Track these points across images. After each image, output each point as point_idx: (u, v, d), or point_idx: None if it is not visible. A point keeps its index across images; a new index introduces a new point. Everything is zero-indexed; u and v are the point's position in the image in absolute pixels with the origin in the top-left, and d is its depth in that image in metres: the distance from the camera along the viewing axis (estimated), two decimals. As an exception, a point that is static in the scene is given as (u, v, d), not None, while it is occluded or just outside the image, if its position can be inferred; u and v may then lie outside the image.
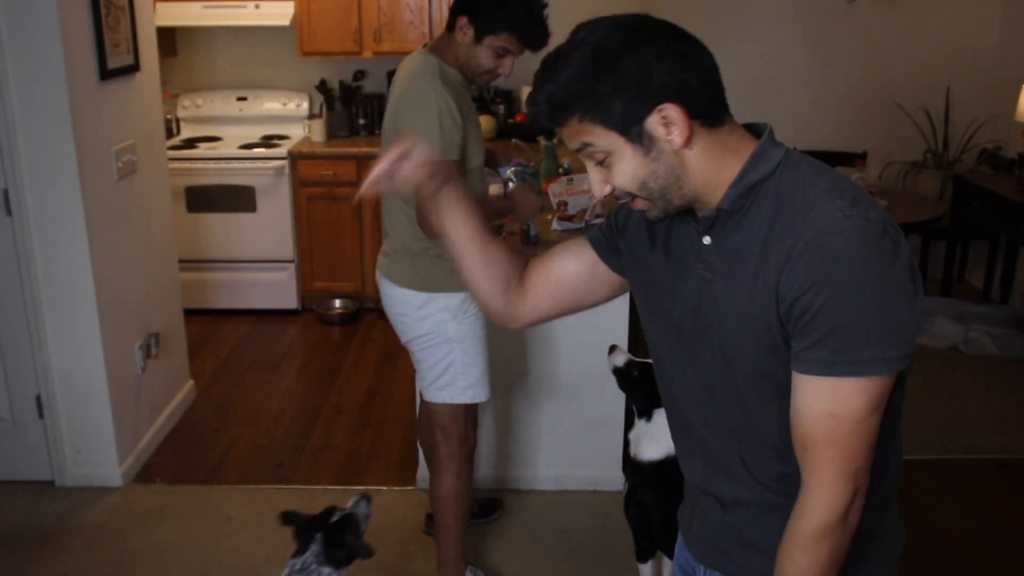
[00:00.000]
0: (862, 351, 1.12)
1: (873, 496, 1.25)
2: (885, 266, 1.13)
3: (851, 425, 1.16)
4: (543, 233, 3.19)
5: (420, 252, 2.46)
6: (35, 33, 2.94)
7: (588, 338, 3.16)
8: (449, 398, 2.56)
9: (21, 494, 3.34)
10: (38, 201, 3.10)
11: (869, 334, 1.12)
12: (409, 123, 2.30)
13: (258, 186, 4.92)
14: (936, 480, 3.47)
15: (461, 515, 2.65)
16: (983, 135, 5.41)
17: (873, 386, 1.14)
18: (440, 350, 2.51)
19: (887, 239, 1.14)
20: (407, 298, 2.50)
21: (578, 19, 1.31)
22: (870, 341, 1.12)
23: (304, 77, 5.39)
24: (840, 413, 1.15)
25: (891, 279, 1.13)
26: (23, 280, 3.17)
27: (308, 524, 2.18)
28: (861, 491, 1.20)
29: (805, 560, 1.21)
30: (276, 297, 5.13)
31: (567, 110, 1.21)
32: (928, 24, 5.36)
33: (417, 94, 2.32)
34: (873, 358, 1.13)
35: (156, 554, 3.01)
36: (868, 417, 1.16)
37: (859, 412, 1.15)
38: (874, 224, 1.14)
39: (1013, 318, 5.03)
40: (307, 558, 2.13)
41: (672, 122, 1.18)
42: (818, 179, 1.20)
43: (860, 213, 1.14)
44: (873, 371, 1.13)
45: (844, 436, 1.16)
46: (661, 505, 2.37)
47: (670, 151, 1.20)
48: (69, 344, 3.25)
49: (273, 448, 3.71)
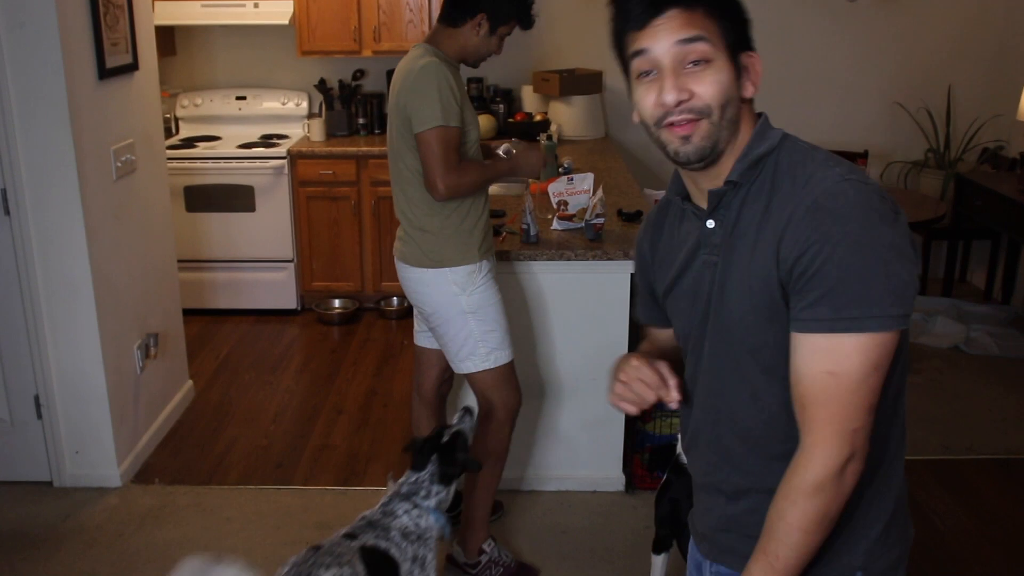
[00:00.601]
0: (862, 307, 1.12)
1: (874, 466, 1.24)
2: (885, 226, 1.14)
3: (850, 384, 1.15)
4: (543, 233, 3.18)
5: (424, 230, 2.61)
6: (34, 32, 2.93)
7: (588, 339, 3.15)
8: (474, 367, 2.70)
9: (20, 495, 3.33)
10: (37, 201, 3.09)
11: (869, 291, 1.12)
12: (409, 94, 2.47)
13: (257, 186, 4.91)
14: (937, 480, 3.46)
15: (491, 478, 2.78)
16: (985, 134, 5.40)
17: (873, 344, 1.14)
18: (456, 323, 2.65)
19: (887, 202, 1.16)
20: (416, 276, 2.66)
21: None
22: (870, 298, 1.12)
23: (303, 76, 5.38)
24: (839, 371, 1.15)
25: (891, 238, 1.14)
26: (22, 280, 3.17)
27: (424, 446, 2.38)
28: (858, 454, 1.18)
29: (794, 515, 1.20)
30: (275, 297, 5.12)
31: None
32: (929, 23, 5.35)
33: (418, 71, 2.48)
34: (872, 314, 1.13)
35: (155, 554, 3.00)
36: (867, 377, 1.15)
37: (858, 371, 1.15)
38: (873, 187, 1.17)
39: (1015, 318, 5.02)
40: (423, 476, 2.33)
41: (755, 71, 1.25)
42: (815, 152, 1.25)
43: (859, 178, 1.18)
44: (873, 327, 1.13)
45: (843, 395, 1.15)
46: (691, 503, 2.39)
47: (740, 95, 1.25)
48: (68, 344, 3.24)
49: (272, 448, 3.70)
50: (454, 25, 2.58)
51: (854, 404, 1.16)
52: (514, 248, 3.07)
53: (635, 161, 5.42)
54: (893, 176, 5.55)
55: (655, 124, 1.27)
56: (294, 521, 3.19)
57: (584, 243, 3.10)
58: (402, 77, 2.54)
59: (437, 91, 2.43)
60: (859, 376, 1.15)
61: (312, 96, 5.40)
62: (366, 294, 5.17)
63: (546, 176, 3.98)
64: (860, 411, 1.16)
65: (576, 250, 3.02)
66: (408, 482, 2.34)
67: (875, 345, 1.14)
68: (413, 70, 2.49)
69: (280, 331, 4.96)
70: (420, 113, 2.45)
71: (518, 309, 3.15)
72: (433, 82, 2.44)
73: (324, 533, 3.10)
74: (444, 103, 2.44)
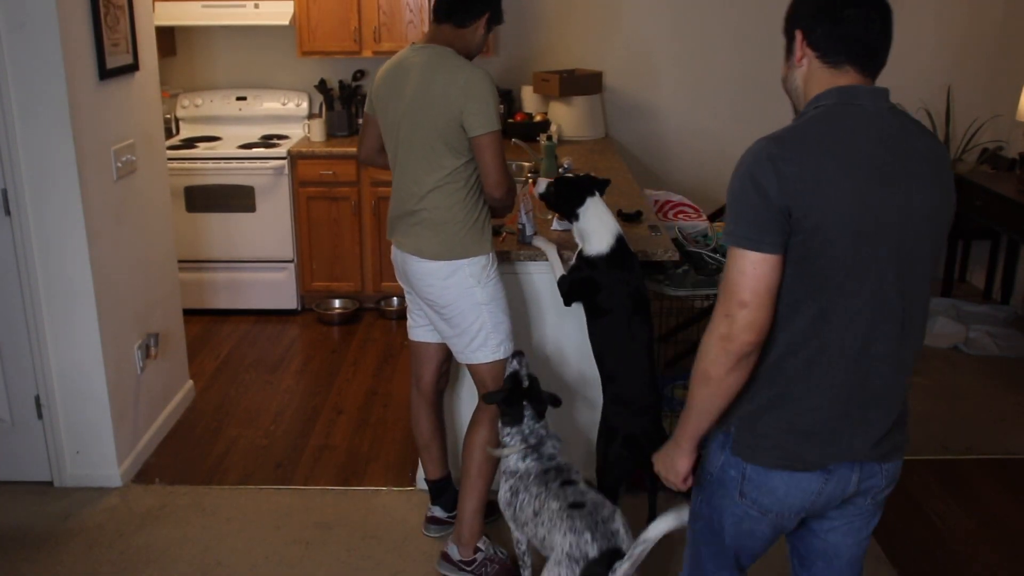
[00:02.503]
0: (726, 227, 1.64)
1: (761, 358, 1.67)
2: (737, 172, 1.62)
3: (728, 278, 1.62)
4: (541, 232, 3.18)
5: (446, 223, 2.64)
6: (34, 32, 2.93)
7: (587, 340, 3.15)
8: (484, 358, 2.74)
9: (20, 495, 3.34)
10: (37, 201, 3.10)
11: (730, 216, 1.63)
12: (466, 98, 2.52)
13: (257, 186, 4.91)
14: (937, 480, 3.46)
15: (486, 467, 2.81)
16: (984, 135, 5.40)
17: (737, 254, 1.60)
18: (471, 314, 2.69)
19: (751, 157, 1.61)
20: (433, 269, 2.67)
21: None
22: (728, 220, 1.64)
23: (304, 76, 5.38)
24: (727, 267, 1.63)
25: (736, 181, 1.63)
26: (22, 280, 3.17)
27: (509, 397, 2.55)
28: (736, 326, 1.60)
29: (699, 357, 1.69)
30: (275, 297, 5.12)
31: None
32: (929, 23, 5.35)
33: (473, 76, 2.54)
34: (727, 231, 1.63)
35: (155, 555, 3.00)
36: (738, 276, 1.60)
37: (731, 269, 1.61)
38: (755, 148, 1.62)
39: (1014, 318, 5.03)
40: (527, 425, 2.52)
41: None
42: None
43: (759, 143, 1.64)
44: (728, 242, 1.62)
45: (727, 283, 1.62)
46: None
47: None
48: (68, 344, 3.25)
49: (273, 448, 3.71)
50: (463, 26, 2.63)
51: (728, 289, 1.62)
52: (513, 248, 3.08)
53: (635, 161, 5.42)
54: (893, 176, 5.55)
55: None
56: (294, 521, 3.19)
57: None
58: (446, 80, 2.54)
59: (493, 97, 2.55)
60: (732, 272, 1.62)
61: (312, 96, 5.40)
62: (366, 294, 5.17)
63: (546, 176, 3.98)
64: (733, 294, 1.60)
65: (576, 250, 3.02)
66: (526, 436, 2.53)
67: (738, 255, 1.60)
68: (464, 75, 2.53)
69: (280, 331, 4.97)
70: (480, 118, 2.52)
71: (516, 309, 3.16)
72: (489, 87, 2.54)
73: (324, 533, 3.11)
74: (497, 109, 2.57)
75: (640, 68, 5.41)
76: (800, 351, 1.66)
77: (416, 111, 2.59)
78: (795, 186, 1.55)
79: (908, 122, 1.68)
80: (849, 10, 1.63)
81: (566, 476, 2.44)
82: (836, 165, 1.58)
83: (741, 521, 1.79)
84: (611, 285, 2.74)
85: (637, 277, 2.78)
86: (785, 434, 1.70)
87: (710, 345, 1.64)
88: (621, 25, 5.34)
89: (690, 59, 5.30)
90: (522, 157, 4.61)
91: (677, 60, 5.32)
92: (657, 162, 5.54)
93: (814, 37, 1.66)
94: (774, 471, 1.71)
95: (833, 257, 1.59)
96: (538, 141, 4.32)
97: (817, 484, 1.71)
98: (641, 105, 5.47)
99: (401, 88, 2.63)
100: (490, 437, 2.78)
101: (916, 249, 1.64)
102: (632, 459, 2.77)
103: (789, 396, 1.69)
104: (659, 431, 2.78)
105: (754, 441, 1.72)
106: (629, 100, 5.47)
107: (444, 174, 2.60)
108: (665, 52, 5.35)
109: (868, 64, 1.66)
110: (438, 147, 2.58)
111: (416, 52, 2.65)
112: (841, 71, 1.65)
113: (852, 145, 1.59)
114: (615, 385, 2.78)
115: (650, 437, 2.74)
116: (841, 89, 1.64)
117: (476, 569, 2.85)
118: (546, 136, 4.50)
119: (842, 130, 1.61)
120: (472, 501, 2.82)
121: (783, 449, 1.70)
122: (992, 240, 5.35)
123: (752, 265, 1.58)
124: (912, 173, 1.62)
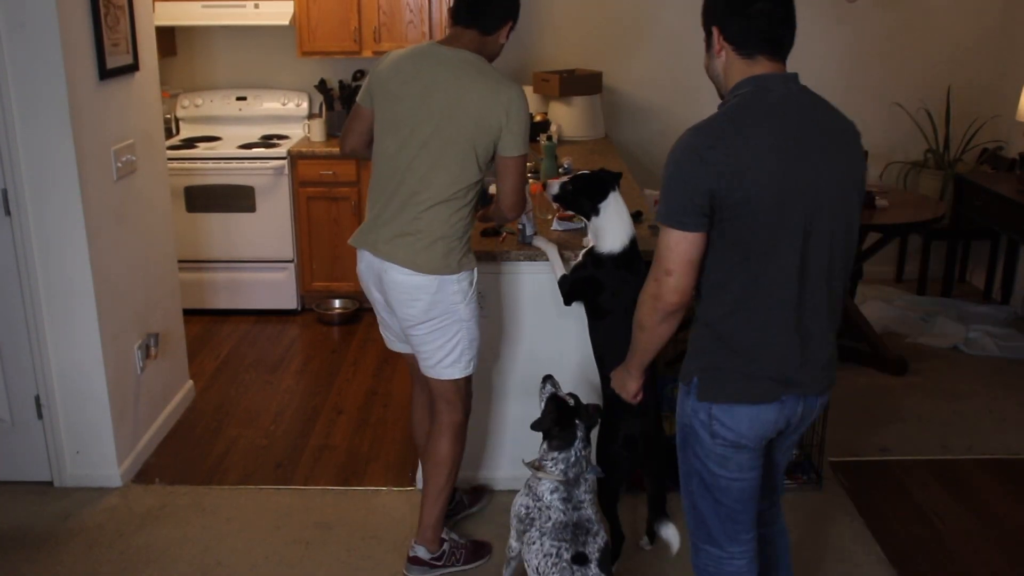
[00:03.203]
0: (659, 206, 1.88)
1: (712, 317, 1.96)
2: (669, 160, 1.88)
3: (658, 249, 1.89)
4: (542, 233, 3.18)
5: (444, 237, 2.57)
6: (34, 32, 2.93)
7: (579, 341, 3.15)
8: (456, 374, 2.73)
9: (20, 495, 3.34)
10: (37, 201, 3.10)
11: (662, 197, 1.88)
12: (513, 123, 2.52)
13: (257, 186, 4.91)
14: (937, 480, 3.46)
15: (453, 478, 2.86)
16: (984, 135, 5.40)
17: (666, 230, 1.87)
18: (451, 330, 2.66)
19: (679, 148, 1.87)
20: (421, 283, 2.58)
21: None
22: (661, 201, 1.89)
23: (304, 77, 5.39)
24: (659, 239, 1.89)
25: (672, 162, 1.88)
26: (22, 280, 3.17)
27: (561, 420, 2.41)
28: (664, 288, 1.89)
29: (637, 307, 2.02)
30: (275, 297, 5.12)
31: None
32: (928, 23, 5.35)
33: (515, 95, 2.53)
34: (659, 210, 1.88)
35: (155, 555, 3.00)
36: (665, 250, 1.87)
37: (661, 243, 1.88)
38: (683, 139, 1.87)
39: (1014, 318, 5.03)
40: (575, 449, 2.39)
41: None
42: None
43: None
44: (659, 219, 1.88)
45: (658, 252, 1.89)
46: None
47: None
48: (68, 344, 3.25)
49: (272, 448, 3.71)
50: (489, 33, 2.58)
51: (660, 257, 1.89)
52: (513, 248, 3.08)
53: (635, 161, 5.42)
54: (893, 176, 5.56)
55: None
56: (294, 521, 3.19)
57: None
58: (485, 90, 2.50)
59: (528, 120, 2.55)
60: (662, 246, 1.89)
61: (312, 96, 5.40)
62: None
63: (546, 176, 3.99)
64: (663, 262, 1.88)
65: (576, 250, 3.02)
66: (571, 463, 2.38)
67: (665, 231, 1.86)
68: (507, 92, 2.51)
69: (280, 331, 4.97)
70: (518, 139, 2.52)
71: (517, 309, 3.16)
72: (527, 109, 2.53)
73: (324, 533, 3.12)
74: (528, 132, 2.57)
75: (640, 68, 5.41)
76: (741, 309, 1.91)
77: (446, 117, 2.50)
78: (719, 169, 1.79)
79: (819, 102, 1.93)
80: (755, 5, 1.85)
81: (581, 544, 2.32)
82: (756, 143, 1.81)
83: (724, 461, 2.01)
84: (615, 286, 2.72)
85: (641, 279, 2.76)
86: (741, 377, 1.95)
87: (643, 301, 1.97)
88: (621, 25, 5.34)
89: (690, 59, 5.29)
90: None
91: (677, 60, 5.32)
92: (657, 162, 5.53)
93: (729, 33, 1.89)
94: (737, 406, 1.96)
95: (760, 224, 1.83)
96: (538, 141, 4.32)
97: (773, 414, 1.98)
98: (641, 105, 5.47)
99: (423, 85, 2.51)
100: (456, 450, 2.80)
101: (832, 209, 1.89)
102: (632, 459, 2.77)
103: (739, 347, 1.94)
104: (659, 432, 2.78)
105: (715, 385, 1.97)
106: (629, 100, 5.47)
107: (460, 187, 2.54)
108: (666, 52, 5.35)
109: (777, 52, 1.89)
110: (467, 160, 2.52)
111: (442, 52, 2.55)
112: (755, 61, 1.88)
113: (769, 125, 1.84)
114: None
115: (650, 438, 2.74)
116: (756, 78, 1.88)
117: (447, 560, 2.90)
118: (546, 136, 4.50)
119: (759, 113, 1.85)
120: (437, 509, 2.84)
121: (740, 387, 1.96)
122: (992, 240, 5.36)
123: (676, 241, 1.85)
124: (822, 146, 1.88)
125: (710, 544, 2.13)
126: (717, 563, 2.14)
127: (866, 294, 5.26)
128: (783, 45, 1.90)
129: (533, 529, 2.38)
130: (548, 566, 2.29)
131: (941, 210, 4.44)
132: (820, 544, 3.06)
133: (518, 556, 2.50)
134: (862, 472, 3.50)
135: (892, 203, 4.44)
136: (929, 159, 5.46)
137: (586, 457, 2.42)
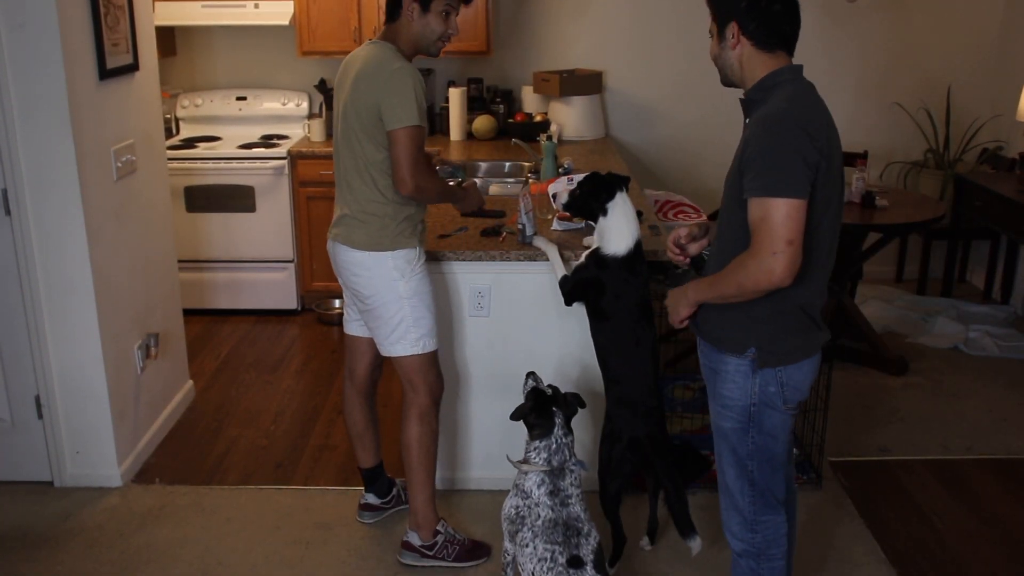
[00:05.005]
0: (760, 179, 1.94)
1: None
2: (774, 137, 1.96)
3: (771, 223, 1.93)
4: (542, 233, 3.18)
5: (374, 215, 2.71)
6: (34, 32, 2.93)
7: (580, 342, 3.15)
8: (403, 351, 2.81)
9: (20, 495, 3.34)
10: (37, 201, 3.10)
11: (768, 171, 1.94)
12: (385, 92, 2.58)
13: (257, 186, 4.91)
14: (937, 480, 3.46)
15: (425, 461, 2.88)
16: (984, 135, 5.40)
17: (780, 203, 1.93)
18: (392, 307, 2.76)
19: (783, 125, 1.96)
20: (359, 259, 2.74)
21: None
22: (764, 175, 1.95)
23: (303, 76, 5.39)
24: (766, 214, 1.94)
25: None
26: (22, 280, 3.17)
27: (537, 407, 2.46)
28: (780, 263, 1.93)
29: (740, 270, 2.02)
30: (275, 297, 5.12)
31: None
32: (929, 23, 5.35)
33: (393, 72, 2.59)
34: (762, 184, 1.93)
35: (155, 555, 3.00)
36: (785, 220, 1.92)
37: (774, 215, 1.93)
38: (782, 116, 1.97)
39: (1014, 318, 5.03)
40: (555, 437, 2.42)
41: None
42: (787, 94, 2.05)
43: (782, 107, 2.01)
44: (768, 192, 1.93)
45: (769, 226, 1.94)
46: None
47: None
48: (68, 344, 3.25)
49: (272, 448, 3.71)
50: (393, 20, 2.70)
51: (772, 236, 1.93)
52: (513, 248, 3.07)
53: (635, 161, 5.42)
54: (893, 176, 5.56)
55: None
56: (294, 521, 3.19)
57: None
58: (371, 73, 2.61)
59: (414, 92, 2.59)
60: (772, 220, 1.95)
61: (312, 96, 5.40)
62: (366, 294, 5.17)
63: (546, 176, 3.99)
64: (780, 239, 1.92)
65: (576, 250, 3.02)
66: (553, 450, 2.42)
67: (778, 204, 1.92)
68: (387, 70, 2.59)
69: (280, 331, 4.97)
70: (397, 111, 2.58)
71: (518, 309, 3.16)
72: (410, 83, 2.59)
73: (324, 533, 3.12)
74: (419, 105, 2.60)
75: (640, 68, 5.41)
76: (805, 268, 2.01)
77: (348, 104, 2.68)
78: (819, 144, 1.96)
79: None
80: (773, 7, 2.04)
81: (574, 547, 2.31)
82: (825, 118, 2.04)
83: (785, 425, 2.18)
84: (618, 287, 2.71)
85: (644, 281, 2.76)
86: (801, 332, 2.11)
87: (750, 274, 1.96)
88: (621, 25, 5.34)
89: (691, 59, 5.29)
90: (522, 157, 4.61)
91: (678, 60, 5.32)
92: (657, 162, 5.54)
93: (749, 30, 2.05)
94: (800, 363, 2.12)
95: (828, 191, 2.02)
96: (538, 141, 4.32)
97: (817, 362, 2.17)
98: (641, 105, 5.47)
99: (343, 83, 2.73)
100: (422, 431, 2.86)
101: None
102: (635, 462, 2.76)
103: (804, 302, 2.08)
104: (663, 434, 2.77)
105: (779, 348, 2.09)
106: (629, 100, 5.47)
107: (364, 164, 2.67)
108: (666, 52, 5.35)
109: (792, 47, 2.10)
110: (363, 141, 2.66)
111: (360, 48, 2.76)
112: (775, 55, 2.07)
113: (821, 104, 2.08)
114: (619, 388, 2.77)
115: (654, 440, 2.73)
116: (790, 68, 2.08)
117: (438, 552, 2.92)
118: (546, 136, 4.50)
119: (813, 97, 2.08)
120: (422, 493, 2.90)
121: (798, 343, 2.11)
122: (992, 240, 5.36)
123: (797, 209, 1.92)
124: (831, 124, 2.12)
125: (774, 512, 2.24)
126: (776, 529, 2.25)
127: (866, 294, 5.26)
128: (794, 41, 2.10)
129: (525, 529, 2.37)
130: (543, 571, 2.28)
131: (941, 210, 4.44)
132: (820, 544, 3.06)
133: (514, 559, 2.50)
134: (862, 472, 3.50)
135: (892, 203, 4.44)
136: (929, 159, 5.46)
137: (568, 445, 2.44)
